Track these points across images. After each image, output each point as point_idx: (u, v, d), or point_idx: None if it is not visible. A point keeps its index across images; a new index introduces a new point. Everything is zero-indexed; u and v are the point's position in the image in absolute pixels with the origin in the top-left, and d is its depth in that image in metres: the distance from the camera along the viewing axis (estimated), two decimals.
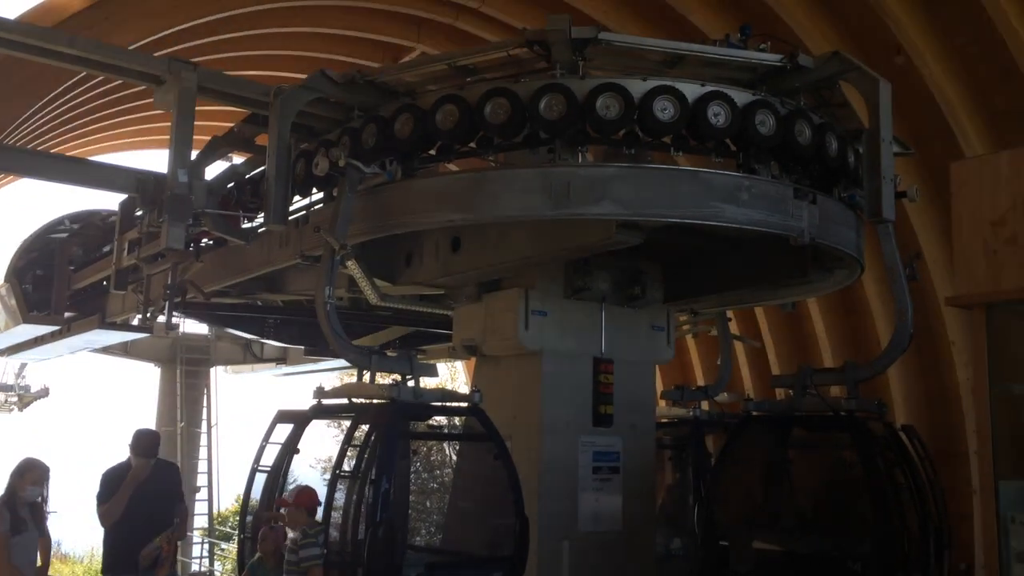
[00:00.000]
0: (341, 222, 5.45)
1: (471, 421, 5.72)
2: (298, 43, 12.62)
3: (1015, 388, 4.52)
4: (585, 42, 5.30)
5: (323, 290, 5.41)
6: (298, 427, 5.78)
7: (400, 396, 5.36)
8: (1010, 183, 4.11)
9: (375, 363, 5.48)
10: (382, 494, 4.93)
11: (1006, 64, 8.54)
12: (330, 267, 5.47)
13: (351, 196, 5.50)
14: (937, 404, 10.74)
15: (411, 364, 5.51)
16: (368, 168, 5.49)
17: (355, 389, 5.61)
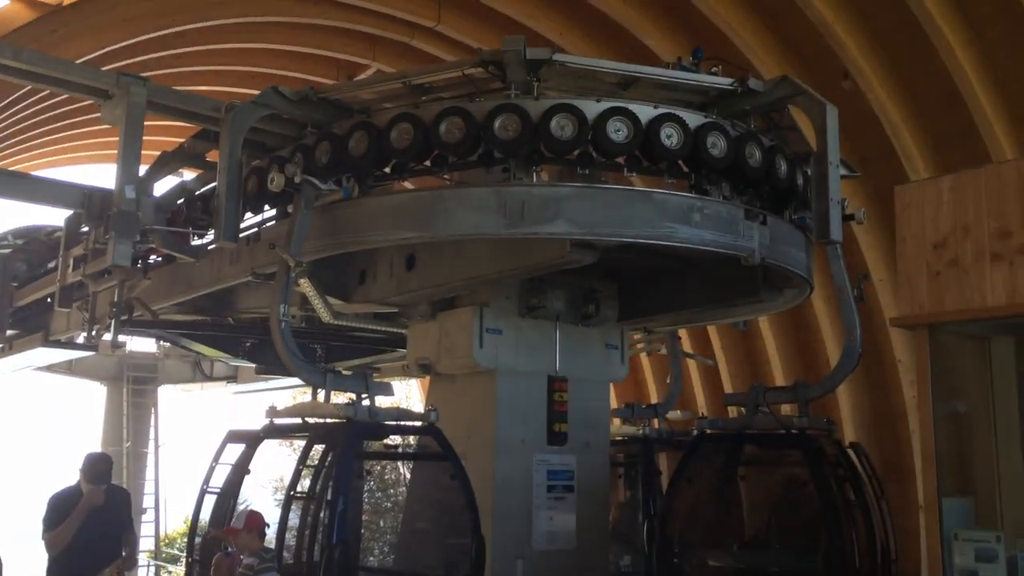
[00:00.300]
0: (296, 239, 5.40)
1: (427, 440, 5.67)
2: (251, 59, 12.52)
3: (959, 406, 4.62)
4: (540, 63, 5.33)
5: (278, 308, 5.34)
6: (250, 447, 5.68)
7: (356, 415, 5.30)
8: (951, 207, 4.23)
9: (330, 382, 5.42)
10: (338, 515, 4.86)
11: (949, 90, 8.81)
12: (285, 284, 5.40)
13: (307, 213, 5.45)
14: (884, 421, 10.97)
15: (366, 383, 5.46)
16: (324, 185, 5.45)
17: (309, 408, 5.52)
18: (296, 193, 5.51)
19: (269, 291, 7.21)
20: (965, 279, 4.13)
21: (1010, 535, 4.10)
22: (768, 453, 6.50)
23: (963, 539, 4.04)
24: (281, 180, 5.42)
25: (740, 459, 6.45)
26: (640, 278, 7.05)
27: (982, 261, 4.11)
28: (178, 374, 17.81)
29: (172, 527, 20.87)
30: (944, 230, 4.22)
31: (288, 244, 5.38)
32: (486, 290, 6.46)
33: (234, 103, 5.79)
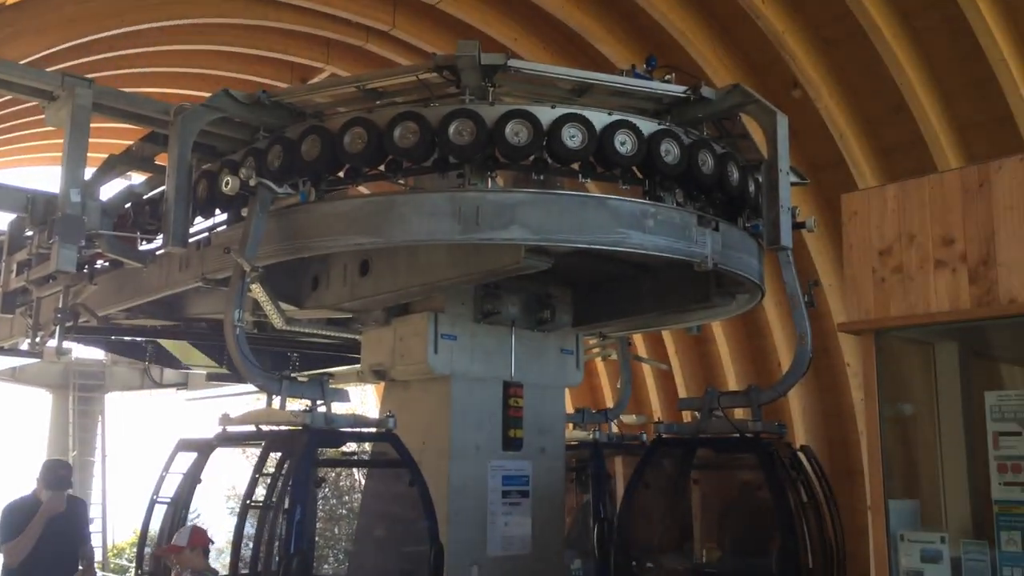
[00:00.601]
0: (251, 243, 5.31)
1: (384, 447, 5.62)
2: (202, 61, 12.34)
3: (905, 409, 4.72)
4: (494, 68, 5.33)
5: (232, 313, 5.25)
6: (201, 456, 5.57)
7: (313, 422, 5.23)
8: (896, 215, 4.31)
9: (285, 388, 5.34)
10: (296, 525, 4.78)
11: (895, 100, 9.02)
12: (239, 289, 5.31)
13: (262, 216, 5.37)
14: (834, 423, 11.16)
15: (322, 389, 5.39)
16: (280, 188, 5.38)
17: (265, 415, 5.44)
18: (251, 196, 5.43)
19: (220, 296, 7.14)
20: (910, 285, 4.22)
21: (954, 536, 4.19)
22: (723, 457, 6.59)
23: (909, 540, 4.12)
24: (236, 183, 5.36)
25: (696, 463, 6.53)
26: (595, 283, 7.09)
27: (926, 268, 4.20)
28: (126, 381, 17.46)
29: (120, 538, 20.44)
30: (889, 237, 4.30)
31: (243, 248, 5.29)
32: (441, 296, 6.44)
33: (184, 106, 5.71)
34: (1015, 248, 4.00)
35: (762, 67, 10.02)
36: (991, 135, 8.67)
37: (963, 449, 4.39)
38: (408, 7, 10.90)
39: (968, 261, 4.07)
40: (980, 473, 4.14)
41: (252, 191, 5.38)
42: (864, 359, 4.28)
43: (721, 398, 6.38)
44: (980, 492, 4.17)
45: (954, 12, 8.15)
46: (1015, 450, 3.97)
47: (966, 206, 4.12)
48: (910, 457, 4.65)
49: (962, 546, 4.11)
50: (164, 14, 10.22)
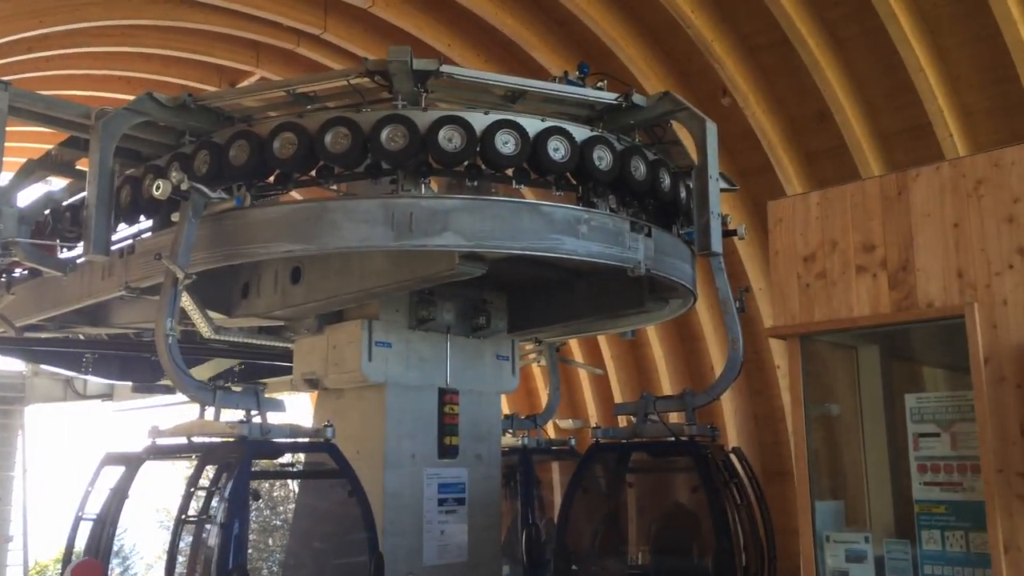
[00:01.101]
0: (184, 249, 5.16)
1: (322, 457, 5.52)
2: (126, 63, 11.99)
3: (832, 409, 4.84)
4: (427, 74, 5.31)
5: (163, 322, 5.09)
6: (129, 470, 5.38)
7: (250, 434, 5.11)
8: (820, 221, 4.42)
9: (219, 399, 5.21)
10: (234, 539, 4.66)
11: (820, 108, 9.26)
12: (172, 297, 5.15)
13: (194, 222, 5.23)
14: (766, 425, 11.39)
15: (257, 399, 5.27)
16: (214, 193, 5.24)
17: (200, 427, 5.29)
18: (182, 201, 5.27)
19: (145, 306, 6.94)
20: (833, 291, 4.33)
21: (878, 535, 4.31)
22: (659, 460, 6.67)
23: (834, 540, 4.22)
24: (167, 187, 5.17)
25: (632, 467, 6.59)
26: (530, 289, 7.10)
27: (848, 274, 4.32)
28: (48, 393, 16.82)
29: (44, 555, 19.71)
30: (813, 244, 4.41)
31: (174, 255, 5.14)
32: (375, 303, 6.37)
33: (105, 109, 5.53)
34: (932, 254, 4.14)
35: (692, 75, 10.19)
36: (910, 142, 8.97)
37: (886, 450, 4.52)
38: (340, 11, 10.78)
39: (888, 267, 4.20)
40: (902, 474, 4.27)
41: (184, 196, 5.23)
42: (790, 363, 4.38)
43: (656, 402, 6.45)
44: (902, 492, 4.29)
45: (875, 24, 8.41)
46: (934, 451, 4.10)
47: (886, 213, 4.25)
48: (836, 459, 4.76)
49: (885, 545, 4.22)
50: (84, 15, 9.91)
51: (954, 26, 8.32)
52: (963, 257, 4.07)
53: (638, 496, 6.83)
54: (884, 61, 8.72)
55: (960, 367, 4.01)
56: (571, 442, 8.22)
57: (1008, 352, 3.87)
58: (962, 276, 4.04)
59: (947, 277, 4.07)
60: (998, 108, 8.36)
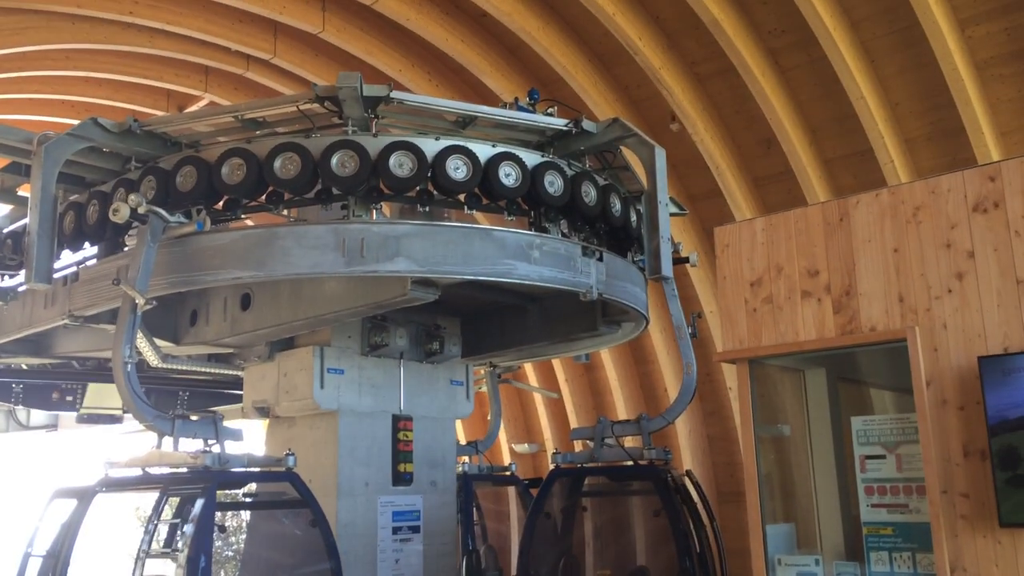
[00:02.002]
0: (142, 274, 5.05)
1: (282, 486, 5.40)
2: (70, 88, 11.77)
3: (783, 430, 4.90)
4: (377, 100, 5.30)
5: (121, 348, 4.96)
6: (82, 504, 5.19)
7: (215, 464, 4.99)
8: (765, 247, 4.50)
9: (178, 428, 5.08)
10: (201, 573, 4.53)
11: (766, 134, 9.47)
12: (130, 324, 5.03)
13: (153, 246, 5.12)
14: (719, 446, 11.50)
15: (216, 428, 5.16)
16: (172, 216, 5.14)
17: (159, 457, 5.14)
18: (141, 225, 5.15)
19: (88, 334, 6.78)
20: (779, 315, 4.41)
21: (828, 557, 4.37)
22: (619, 484, 6.69)
23: (785, 564, 4.27)
24: (126, 211, 5.05)
25: (588, 491, 6.59)
26: (483, 314, 7.10)
27: (794, 298, 4.40)
28: None
29: None
30: (759, 269, 4.48)
31: (132, 279, 5.02)
32: (327, 329, 6.30)
33: (48, 135, 5.41)
34: (874, 279, 4.24)
35: (641, 101, 10.34)
36: (854, 167, 9.20)
37: (834, 473, 4.59)
38: (290, 35, 10.74)
39: (832, 291, 4.29)
40: (850, 495, 4.34)
41: (142, 219, 5.11)
42: (740, 387, 4.43)
43: (613, 427, 6.47)
44: (851, 514, 4.36)
45: (818, 54, 8.64)
46: (880, 472, 4.18)
47: (828, 239, 4.35)
48: (786, 481, 4.82)
49: (835, 567, 4.28)
50: (25, 40, 9.70)
51: (892, 55, 8.59)
52: (904, 282, 4.18)
53: (599, 520, 6.82)
54: (827, 89, 8.96)
55: (904, 388, 4.09)
56: (512, 467, 8.18)
57: (949, 375, 3.97)
58: (903, 300, 4.14)
59: (889, 301, 4.17)
60: (937, 134, 8.63)
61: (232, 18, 10.31)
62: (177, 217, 5.19)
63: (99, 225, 5.73)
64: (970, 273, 4.06)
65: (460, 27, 10.27)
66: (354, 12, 10.28)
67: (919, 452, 4.02)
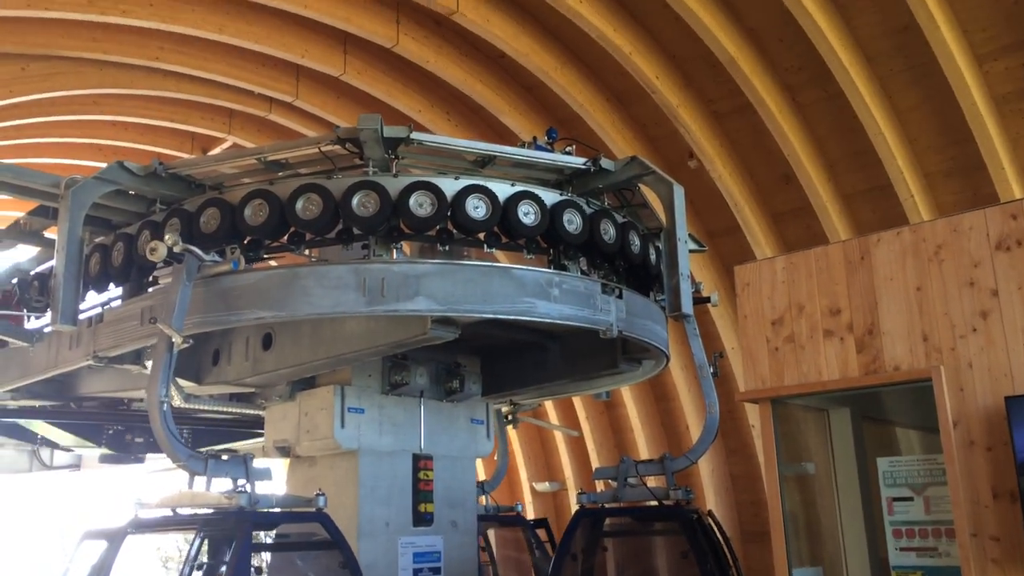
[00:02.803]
0: (178, 313, 5.08)
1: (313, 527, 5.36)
2: (97, 131, 12.01)
3: (808, 468, 4.83)
4: (397, 141, 5.36)
5: (157, 388, 4.96)
6: (112, 545, 5.11)
7: (250, 504, 4.96)
8: (786, 286, 4.48)
9: (211, 468, 5.06)
10: None
11: (784, 170, 9.47)
12: (166, 363, 5.05)
13: (188, 285, 5.16)
14: (742, 485, 11.35)
15: (247, 468, 5.15)
16: (208, 256, 5.19)
17: (191, 498, 5.13)
18: (176, 264, 5.20)
19: (112, 375, 6.84)
20: (802, 355, 4.37)
21: None
22: (645, 525, 6.62)
23: None
24: (163, 249, 5.09)
25: (612, 530, 6.53)
26: (503, 352, 7.08)
27: (816, 337, 4.36)
28: (13, 464, 16.41)
29: None
30: (780, 308, 4.46)
31: (168, 318, 5.05)
32: (347, 368, 6.31)
33: (75, 178, 5.50)
34: (897, 317, 4.20)
35: (659, 139, 10.40)
36: (873, 202, 9.17)
37: (861, 514, 4.51)
38: (311, 78, 10.92)
39: (854, 330, 4.25)
40: (878, 538, 4.26)
41: (178, 258, 5.16)
42: (763, 427, 4.38)
43: (637, 466, 6.41)
44: (879, 557, 4.28)
45: (835, 89, 8.67)
46: (908, 515, 4.11)
47: (850, 277, 4.32)
48: (812, 523, 4.74)
49: None
50: (54, 85, 9.95)
51: (909, 90, 8.60)
52: (927, 320, 4.14)
53: (624, 561, 6.74)
54: (844, 125, 8.97)
55: (930, 428, 4.03)
56: (517, 507, 8.08)
57: (976, 415, 3.91)
58: (927, 339, 4.10)
59: (913, 340, 4.13)
60: (957, 169, 8.60)
61: (256, 62, 10.51)
62: (212, 256, 5.23)
63: (124, 266, 5.80)
64: (994, 312, 4.02)
65: (478, 68, 10.41)
66: (374, 55, 10.45)
67: (947, 494, 3.94)
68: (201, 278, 5.35)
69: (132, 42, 9.84)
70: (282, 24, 9.89)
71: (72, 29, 9.56)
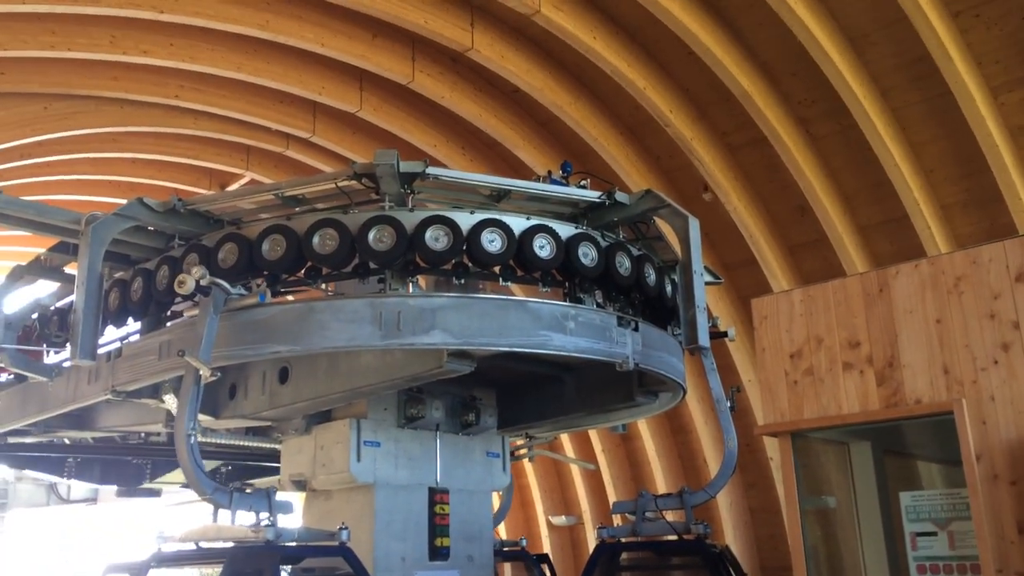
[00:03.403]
0: (205, 345, 5.10)
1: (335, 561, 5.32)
2: (116, 168, 12.19)
3: (828, 502, 4.77)
4: (413, 175, 5.40)
5: (185, 421, 4.97)
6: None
7: (277, 538, 4.92)
8: (804, 318, 4.46)
9: (235, 501, 5.04)
10: None
11: (799, 202, 9.47)
12: (194, 395, 5.06)
13: (215, 317, 5.19)
14: (761, 519, 11.21)
15: (270, 502, 5.13)
16: (234, 288, 5.23)
17: (217, 531, 5.10)
18: (203, 297, 5.24)
19: (129, 409, 6.86)
20: (821, 388, 4.34)
21: None
22: (667, 559, 6.56)
23: None
24: (191, 283, 5.13)
25: (639, 565, 6.47)
26: (519, 385, 7.06)
27: (835, 370, 4.33)
28: (31, 498, 16.50)
29: None
30: (799, 341, 4.44)
31: (195, 350, 5.07)
32: (363, 402, 6.31)
33: (95, 215, 5.57)
34: (917, 350, 4.17)
35: (673, 171, 10.44)
36: (890, 234, 9.14)
37: (884, 549, 4.43)
38: (328, 114, 11.06)
39: (874, 363, 4.21)
40: (902, 573, 4.19)
41: (205, 291, 5.20)
42: (783, 461, 4.34)
43: (657, 500, 6.37)
44: None
45: (849, 122, 8.69)
46: (933, 550, 4.04)
47: (869, 310, 4.30)
48: (833, 558, 4.67)
49: None
50: (75, 124, 10.11)
51: (924, 122, 8.61)
52: (948, 353, 4.10)
53: None
54: (859, 157, 8.98)
55: (953, 462, 3.98)
56: (522, 543, 8.01)
57: (999, 448, 3.86)
58: (948, 372, 4.06)
59: (933, 373, 4.09)
60: (973, 200, 8.57)
61: (273, 99, 10.66)
62: (238, 289, 5.26)
63: (143, 301, 5.85)
64: (1016, 343, 3.98)
65: (493, 103, 10.51)
66: (390, 91, 10.58)
67: (971, 529, 3.88)
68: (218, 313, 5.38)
69: (152, 80, 10.01)
70: (299, 62, 10.03)
71: (93, 69, 9.73)
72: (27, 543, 20.72)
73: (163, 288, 5.69)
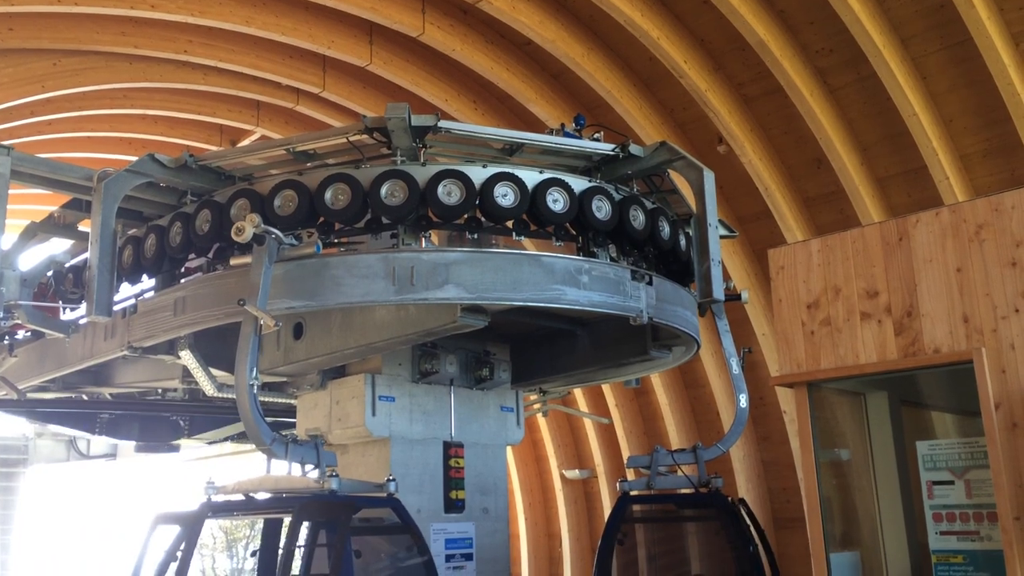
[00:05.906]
0: (262, 295, 5.04)
1: None
2: (127, 125, 12.15)
3: (842, 454, 4.78)
4: (425, 129, 5.35)
5: (245, 372, 4.91)
6: (189, 530, 5.04)
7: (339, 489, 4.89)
8: (821, 268, 4.41)
9: (291, 452, 5.00)
10: None
11: (816, 154, 9.35)
12: (254, 345, 5.00)
13: (270, 267, 5.16)
14: (774, 472, 11.27)
15: (318, 453, 5.15)
16: (286, 238, 5.19)
17: (277, 482, 5.09)
18: (257, 247, 5.20)
19: (145, 365, 6.92)
20: (838, 338, 4.31)
21: None
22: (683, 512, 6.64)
23: None
24: (250, 231, 5.05)
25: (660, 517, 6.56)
26: (532, 340, 7.08)
27: (853, 320, 4.29)
28: (51, 454, 16.75)
29: None
30: (816, 291, 4.39)
31: (253, 300, 4.99)
32: (378, 357, 6.34)
33: (107, 171, 5.55)
34: (936, 299, 4.12)
35: (688, 124, 10.30)
36: (908, 185, 9.03)
37: (899, 498, 4.44)
38: (338, 69, 10.95)
39: (892, 313, 4.17)
40: (917, 522, 4.20)
41: (260, 241, 5.15)
42: (798, 412, 4.32)
43: (673, 455, 6.42)
44: (918, 542, 4.21)
45: (867, 71, 8.53)
46: (949, 499, 4.04)
47: (888, 259, 4.24)
48: (848, 508, 4.69)
49: None
50: (86, 80, 10.06)
51: (944, 71, 8.44)
52: (968, 302, 4.05)
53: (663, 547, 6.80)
54: (877, 107, 8.83)
55: (971, 411, 3.96)
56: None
57: (1019, 397, 3.83)
58: (968, 321, 4.02)
59: (953, 322, 4.05)
60: (993, 150, 8.43)
61: (283, 54, 10.55)
62: (290, 239, 5.23)
63: (157, 258, 5.86)
64: None
65: (504, 56, 10.37)
66: (400, 44, 10.45)
67: (989, 477, 3.87)
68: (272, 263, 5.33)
69: (161, 36, 9.92)
70: (309, 15, 9.91)
71: (103, 24, 9.65)
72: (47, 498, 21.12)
73: (176, 245, 5.69)
